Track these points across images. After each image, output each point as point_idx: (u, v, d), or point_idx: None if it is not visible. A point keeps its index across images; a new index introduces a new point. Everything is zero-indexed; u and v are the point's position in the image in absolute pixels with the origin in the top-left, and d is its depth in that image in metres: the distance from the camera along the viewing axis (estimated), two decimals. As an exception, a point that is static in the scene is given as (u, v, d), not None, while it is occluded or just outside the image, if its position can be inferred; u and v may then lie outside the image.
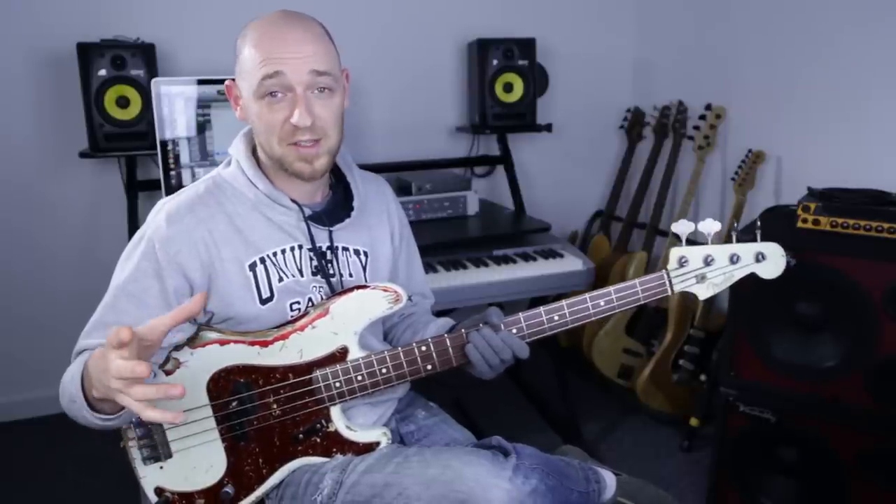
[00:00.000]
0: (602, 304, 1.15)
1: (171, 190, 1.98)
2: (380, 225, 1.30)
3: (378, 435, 1.17)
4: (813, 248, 1.62)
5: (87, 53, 2.06)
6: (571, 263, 2.09)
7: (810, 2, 2.18)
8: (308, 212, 1.18)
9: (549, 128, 2.60)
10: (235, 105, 1.17)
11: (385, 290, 1.14)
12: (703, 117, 2.50)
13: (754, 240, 1.20)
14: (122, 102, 2.10)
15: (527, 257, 2.11)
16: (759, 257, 1.17)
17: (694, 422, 2.29)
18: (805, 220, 1.69)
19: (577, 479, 1.14)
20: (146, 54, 2.11)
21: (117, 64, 2.08)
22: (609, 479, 1.21)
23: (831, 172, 2.09)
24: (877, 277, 1.55)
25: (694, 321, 2.31)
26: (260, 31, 1.09)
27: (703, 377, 2.30)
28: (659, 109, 2.75)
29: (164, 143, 1.96)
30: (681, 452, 2.28)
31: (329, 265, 1.19)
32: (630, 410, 2.50)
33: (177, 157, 1.99)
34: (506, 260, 2.09)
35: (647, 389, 2.39)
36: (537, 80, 2.65)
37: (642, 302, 1.17)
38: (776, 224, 1.80)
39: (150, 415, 0.87)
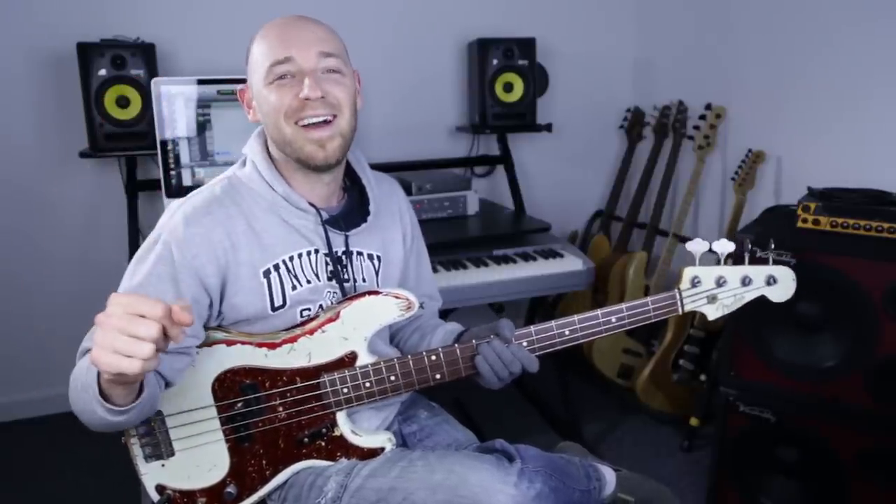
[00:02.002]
0: (613, 320, 1.17)
1: (170, 189, 1.98)
2: (392, 226, 1.29)
3: (383, 441, 1.17)
4: (813, 248, 1.63)
5: (87, 53, 2.06)
6: (571, 263, 2.09)
7: (810, 2, 2.18)
8: (325, 216, 1.16)
9: (549, 128, 2.61)
10: (248, 108, 1.16)
11: (397, 297, 1.13)
12: (703, 117, 2.50)
13: (768, 251, 1.21)
14: (122, 102, 2.10)
15: (527, 257, 2.11)
16: (771, 280, 1.18)
17: (694, 422, 2.29)
18: (805, 220, 1.69)
19: (579, 478, 1.14)
20: (146, 54, 2.11)
21: (117, 64, 2.08)
22: (609, 475, 1.22)
23: (831, 172, 2.09)
24: (877, 277, 1.55)
25: (694, 321, 2.32)
26: (270, 27, 1.12)
27: (703, 377, 2.30)
28: (659, 109, 2.75)
29: (164, 143, 1.96)
30: (681, 452, 2.28)
31: (344, 270, 1.18)
32: (630, 410, 2.51)
33: (177, 157, 1.99)
34: (506, 260, 2.09)
35: (647, 389, 2.39)
36: (537, 80, 2.65)
37: (653, 320, 1.19)
38: (776, 224, 1.80)
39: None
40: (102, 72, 2.07)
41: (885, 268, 1.55)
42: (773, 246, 1.21)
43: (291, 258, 1.14)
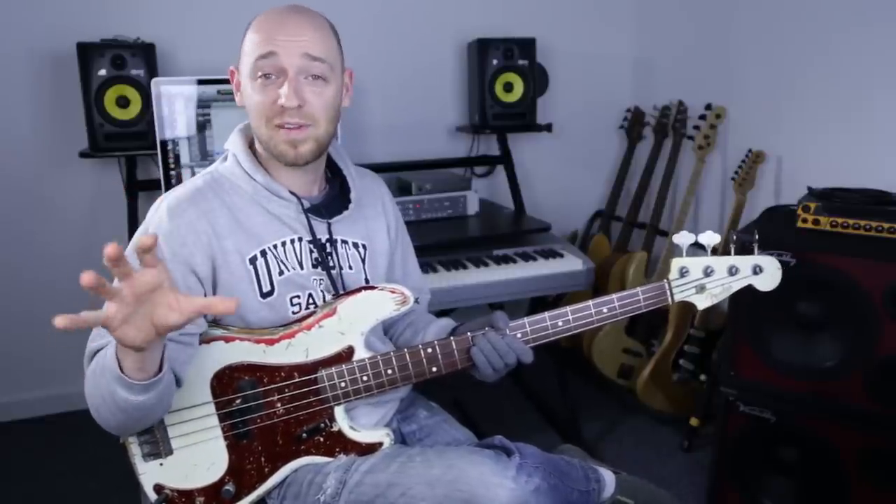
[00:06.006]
0: (605, 310, 1.18)
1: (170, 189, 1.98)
2: (376, 218, 1.31)
3: (381, 436, 1.17)
4: (813, 248, 1.63)
5: (87, 53, 2.06)
6: (571, 263, 2.09)
7: (811, 2, 2.18)
8: (307, 204, 1.18)
9: (549, 128, 2.61)
10: (237, 90, 1.18)
11: (393, 292, 1.15)
12: (703, 117, 2.50)
13: (753, 241, 1.21)
14: (122, 102, 2.10)
15: (527, 257, 2.11)
16: (757, 269, 1.21)
17: (694, 422, 2.29)
18: (805, 220, 1.69)
19: (578, 478, 1.15)
20: (146, 54, 2.11)
21: (117, 64, 2.08)
22: (608, 477, 1.22)
23: (831, 172, 2.09)
24: (877, 277, 1.55)
25: (694, 321, 2.32)
26: (264, 17, 1.12)
27: (703, 377, 2.30)
28: (659, 109, 2.75)
29: (164, 143, 1.97)
30: (681, 452, 2.28)
31: (329, 258, 1.20)
32: (630, 410, 2.50)
33: (177, 157, 1.99)
34: (506, 260, 2.09)
35: (647, 389, 2.39)
36: (537, 80, 2.65)
37: (644, 310, 1.20)
38: (776, 224, 1.80)
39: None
40: (102, 72, 2.07)
41: (885, 268, 1.54)
42: (756, 237, 1.21)
43: (276, 246, 1.15)
